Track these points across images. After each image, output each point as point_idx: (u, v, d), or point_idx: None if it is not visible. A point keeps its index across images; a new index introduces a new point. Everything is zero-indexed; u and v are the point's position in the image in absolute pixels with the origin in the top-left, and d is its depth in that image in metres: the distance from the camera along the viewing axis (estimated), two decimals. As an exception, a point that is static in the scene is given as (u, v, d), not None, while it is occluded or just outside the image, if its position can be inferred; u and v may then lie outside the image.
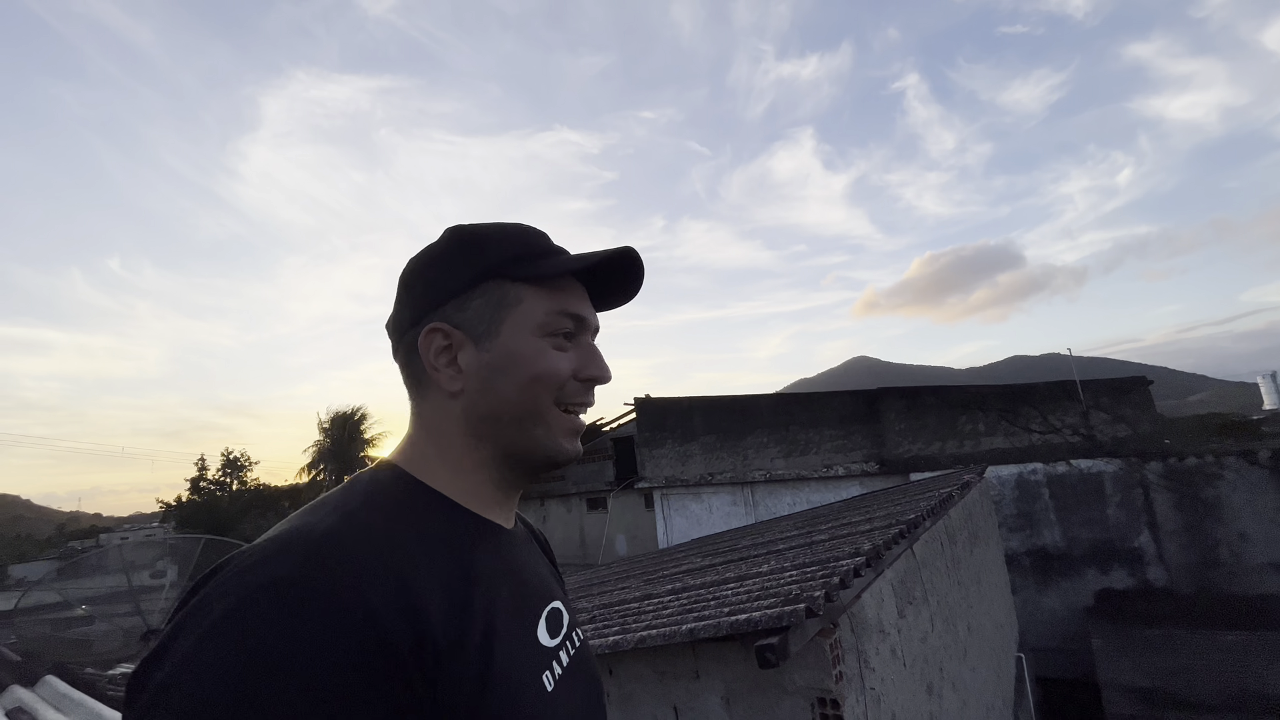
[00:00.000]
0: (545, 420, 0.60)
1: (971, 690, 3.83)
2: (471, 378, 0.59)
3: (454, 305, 0.60)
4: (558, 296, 0.62)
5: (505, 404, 0.59)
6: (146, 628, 4.57)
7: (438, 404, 0.60)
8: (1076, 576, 8.35)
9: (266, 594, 0.41)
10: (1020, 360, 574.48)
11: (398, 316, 0.63)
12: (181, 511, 25.24)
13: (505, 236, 0.62)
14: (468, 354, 0.59)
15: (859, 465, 10.29)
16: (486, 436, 0.60)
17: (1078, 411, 9.19)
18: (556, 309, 0.61)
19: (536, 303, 0.61)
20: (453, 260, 0.61)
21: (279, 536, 0.46)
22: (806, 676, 1.88)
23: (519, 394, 0.59)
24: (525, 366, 0.59)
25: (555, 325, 0.61)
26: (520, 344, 0.59)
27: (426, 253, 0.63)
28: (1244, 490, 7.67)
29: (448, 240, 0.63)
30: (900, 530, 2.92)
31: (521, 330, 0.60)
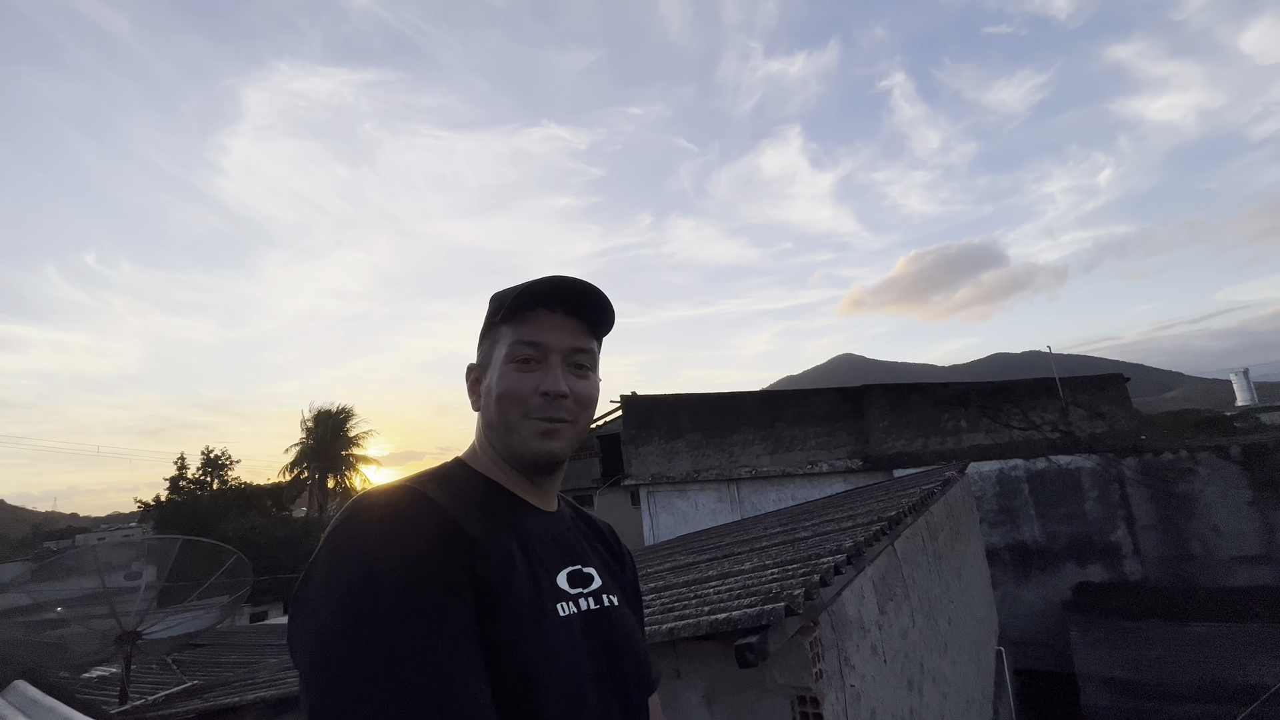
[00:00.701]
0: (516, 429, 0.78)
1: (952, 684, 3.88)
2: (482, 399, 0.82)
3: (482, 348, 0.84)
4: (521, 329, 0.80)
5: (491, 419, 0.80)
6: (121, 630, 4.48)
7: (477, 417, 0.85)
8: (1055, 570, 8.49)
9: (374, 502, 0.64)
10: (1002, 358, 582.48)
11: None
12: (160, 511, 24.76)
13: (511, 290, 0.81)
14: (482, 383, 0.83)
15: (843, 462, 10.37)
16: (493, 441, 0.81)
17: (1057, 408, 9.33)
18: (517, 339, 0.79)
19: (507, 337, 0.80)
20: (487, 314, 0.84)
21: (374, 488, 0.68)
22: (786, 675, 1.88)
23: (495, 409, 0.79)
24: (495, 388, 0.79)
25: (517, 353, 0.79)
26: (496, 371, 0.80)
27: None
28: (1217, 485, 7.84)
29: (490, 304, 0.85)
30: (882, 527, 2.94)
31: (498, 361, 0.80)
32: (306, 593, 0.59)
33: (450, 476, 0.76)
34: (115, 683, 4.49)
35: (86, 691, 4.58)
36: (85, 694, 4.11)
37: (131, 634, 4.45)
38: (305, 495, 28.31)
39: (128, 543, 7.17)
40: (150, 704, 4.02)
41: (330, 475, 28.43)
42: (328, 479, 28.26)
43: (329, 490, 28.26)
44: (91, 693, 4.55)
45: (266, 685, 3.73)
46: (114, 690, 4.31)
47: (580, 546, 0.85)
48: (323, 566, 0.59)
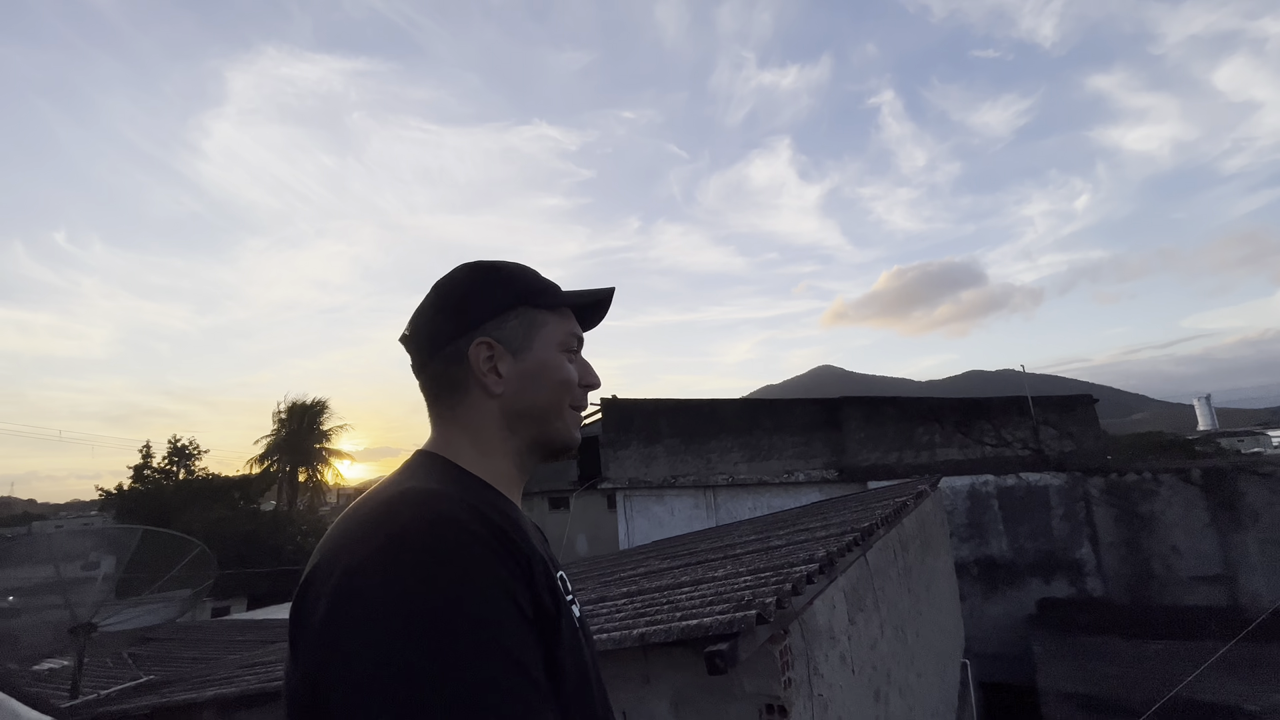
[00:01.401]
0: (564, 416, 0.78)
1: (918, 695, 3.92)
2: (510, 382, 0.75)
3: (493, 324, 0.75)
4: (568, 321, 0.81)
5: (536, 403, 0.76)
6: (75, 621, 4.33)
7: (476, 404, 0.74)
8: (1021, 585, 8.65)
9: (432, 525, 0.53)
10: (977, 375, 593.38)
11: (438, 332, 0.76)
12: (123, 500, 24.05)
13: (526, 273, 0.81)
14: (506, 363, 0.75)
15: (819, 472, 10.47)
16: (519, 429, 0.76)
17: (1028, 426, 9.53)
18: (569, 331, 0.81)
19: (557, 325, 0.79)
20: (490, 288, 0.77)
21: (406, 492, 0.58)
22: (755, 683, 1.89)
23: (548, 395, 0.77)
24: (553, 373, 0.77)
25: (569, 343, 0.80)
26: (548, 356, 0.77)
27: (462, 281, 0.78)
28: (1177, 506, 8.07)
29: (484, 272, 0.79)
30: (855, 538, 2.97)
31: (549, 346, 0.78)
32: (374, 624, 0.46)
33: (462, 481, 0.67)
34: (67, 676, 4.34)
35: (36, 685, 4.42)
36: (34, 687, 3.97)
37: (86, 626, 4.31)
38: (275, 488, 27.75)
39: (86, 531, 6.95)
40: (102, 699, 3.90)
41: (301, 469, 27.93)
42: (298, 472, 27.75)
43: (299, 484, 27.74)
44: (41, 686, 4.39)
45: (224, 682, 3.64)
46: (65, 684, 4.17)
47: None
48: (397, 594, 0.47)
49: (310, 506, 28.00)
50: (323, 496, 29.10)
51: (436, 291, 0.79)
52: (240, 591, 18.83)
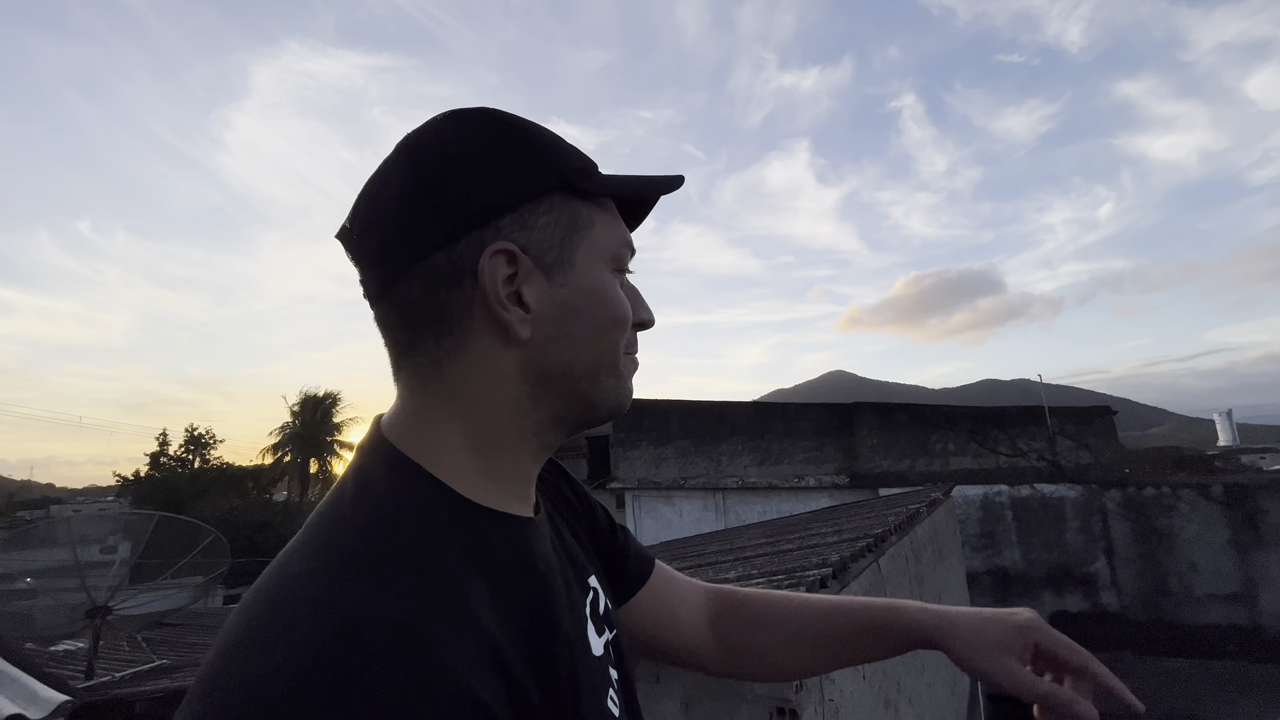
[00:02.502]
0: (618, 369, 0.49)
1: (927, 705, 3.88)
2: (542, 320, 0.44)
3: (512, 220, 0.43)
4: (620, 224, 0.50)
5: (581, 353, 0.46)
6: (91, 604, 4.41)
7: (483, 358, 0.44)
8: (1033, 598, 8.53)
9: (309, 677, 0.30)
10: (992, 384, 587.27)
11: (413, 226, 0.42)
12: (139, 487, 24.50)
13: (562, 142, 0.48)
14: (536, 288, 0.44)
15: (830, 478, 10.40)
16: (546, 396, 0.46)
17: (1045, 437, 9.41)
18: (623, 239, 0.49)
19: (607, 229, 0.48)
20: (512, 157, 0.44)
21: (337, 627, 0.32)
22: (766, 686, 1.88)
23: (598, 341, 0.47)
24: (607, 307, 0.47)
25: (622, 257, 0.49)
26: (598, 280, 0.47)
27: (459, 138, 0.44)
28: (1197, 523, 7.92)
29: (493, 128, 0.45)
30: (868, 544, 2.94)
31: (596, 262, 0.47)
32: None
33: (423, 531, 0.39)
34: (82, 657, 4.41)
35: (53, 665, 4.51)
36: (51, 667, 4.04)
37: (102, 609, 4.38)
38: (287, 479, 28.12)
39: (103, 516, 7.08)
40: (117, 680, 3.96)
41: (313, 460, 28.27)
42: (310, 464, 28.08)
43: (311, 475, 28.08)
44: (58, 666, 4.47)
45: (237, 668, 3.68)
46: (81, 665, 4.24)
47: (573, 547, 0.56)
48: None
49: (322, 498, 28.37)
50: (334, 488, 29.51)
51: (412, 155, 0.45)
52: (252, 580, 19.08)
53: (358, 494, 0.42)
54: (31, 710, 2.56)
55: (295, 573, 0.37)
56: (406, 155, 0.45)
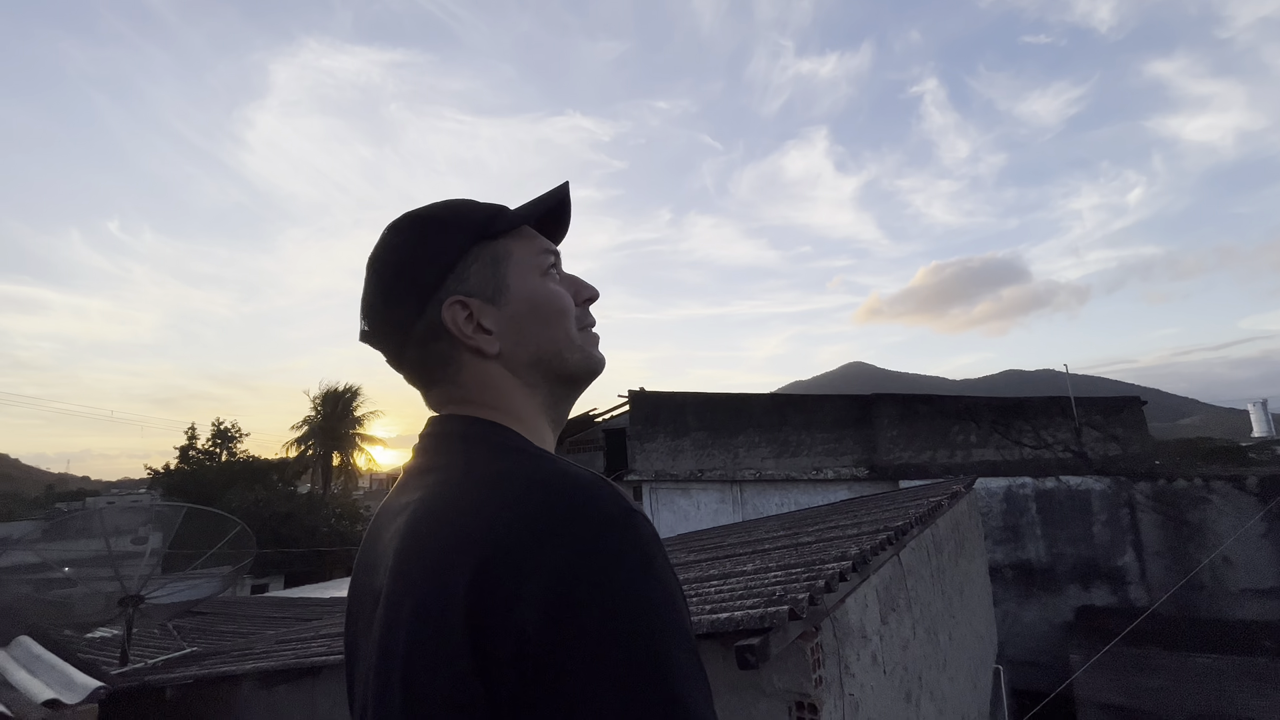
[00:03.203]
0: (577, 344, 0.66)
1: (949, 700, 3.83)
2: (504, 334, 0.63)
3: (453, 280, 0.62)
4: (534, 240, 0.68)
5: (542, 344, 0.64)
6: (124, 593, 4.53)
7: (475, 374, 0.63)
8: (1058, 592, 8.38)
9: (638, 518, 0.47)
10: (1014, 374, 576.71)
11: (394, 315, 0.63)
12: (169, 479, 25.15)
13: (463, 207, 0.67)
14: (490, 315, 0.62)
15: (849, 470, 10.30)
16: (535, 380, 0.65)
17: (1070, 428, 9.21)
18: (540, 249, 0.67)
19: (524, 250, 0.66)
20: (431, 242, 0.64)
21: (574, 476, 0.49)
22: (785, 679, 1.86)
23: (550, 330, 0.64)
24: (546, 304, 0.65)
25: (545, 262, 0.67)
26: (531, 288, 0.65)
27: (395, 245, 0.65)
28: (1230, 515, 7.70)
29: (415, 225, 0.65)
30: (888, 537, 2.90)
31: (525, 276, 0.65)
32: (630, 598, 0.43)
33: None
34: (116, 644, 4.55)
35: (88, 651, 4.65)
36: (87, 653, 4.17)
37: (134, 597, 4.50)
38: (310, 472, 28.64)
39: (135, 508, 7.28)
40: (149, 667, 4.07)
41: (335, 453, 28.74)
42: (333, 456, 28.56)
43: (333, 468, 28.56)
44: (93, 652, 4.61)
45: (263, 656, 3.76)
46: (115, 651, 4.37)
47: None
48: (642, 581, 0.44)
49: (344, 490, 28.83)
50: (355, 481, 29.93)
51: (375, 269, 0.65)
52: (278, 570, 19.50)
53: (478, 436, 0.59)
54: (67, 695, 2.63)
55: (539, 467, 0.53)
56: (371, 273, 0.65)
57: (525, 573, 0.42)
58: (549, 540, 0.44)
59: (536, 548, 0.43)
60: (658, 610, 0.43)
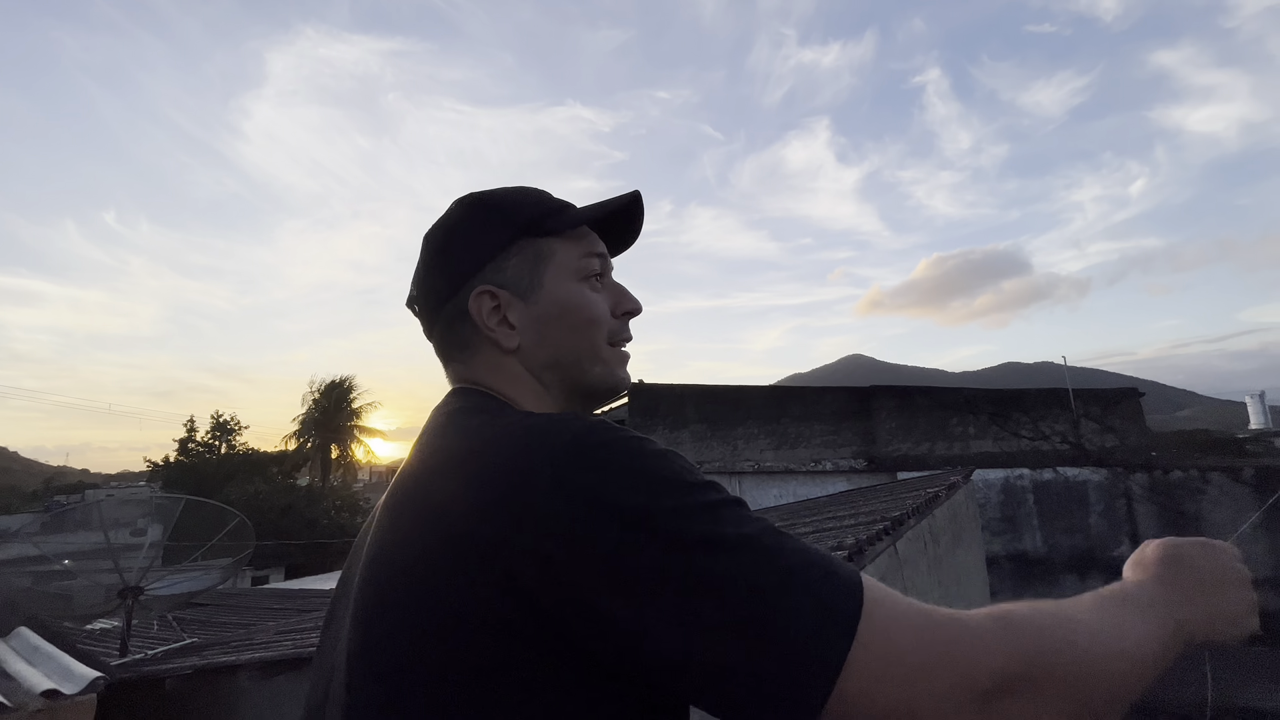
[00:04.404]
0: (602, 358, 0.66)
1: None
2: (526, 331, 0.64)
3: (492, 268, 0.64)
4: (585, 242, 0.67)
5: (563, 349, 0.65)
6: (124, 585, 4.55)
7: (490, 362, 0.64)
8: (1055, 582, 8.43)
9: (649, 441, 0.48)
10: (1013, 367, 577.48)
11: (432, 289, 0.66)
12: (168, 472, 25.21)
13: (525, 199, 0.67)
14: (516, 310, 0.63)
15: (847, 461, 10.33)
16: (551, 383, 0.65)
17: (1068, 420, 9.23)
18: (587, 252, 0.67)
19: (568, 252, 0.66)
20: (481, 227, 0.65)
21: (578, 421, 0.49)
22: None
23: (575, 338, 0.65)
24: (576, 312, 0.65)
25: (588, 268, 0.66)
26: (565, 292, 0.65)
27: (448, 224, 0.67)
28: (1226, 507, 7.74)
29: (471, 209, 0.67)
30: (885, 527, 2.91)
31: (562, 279, 0.65)
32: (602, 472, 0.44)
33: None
34: (116, 636, 4.56)
35: (88, 642, 4.66)
36: (86, 645, 4.18)
37: (134, 589, 4.51)
38: (309, 464, 28.68)
39: (134, 500, 7.30)
40: (149, 658, 4.09)
41: (334, 445, 28.79)
42: (331, 448, 28.61)
43: (332, 460, 28.61)
44: (93, 644, 4.63)
45: (263, 646, 3.78)
46: (114, 643, 4.38)
47: None
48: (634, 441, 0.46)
49: (344, 482, 28.90)
50: (355, 473, 30.00)
51: (426, 242, 0.68)
52: (278, 562, 19.59)
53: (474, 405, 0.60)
54: (66, 686, 2.64)
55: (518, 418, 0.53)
56: (425, 243, 0.68)
57: (530, 477, 0.44)
58: (548, 444, 0.46)
59: (538, 454, 0.45)
60: (666, 456, 0.46)
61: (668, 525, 0.41)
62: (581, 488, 0.43)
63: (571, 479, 0.43)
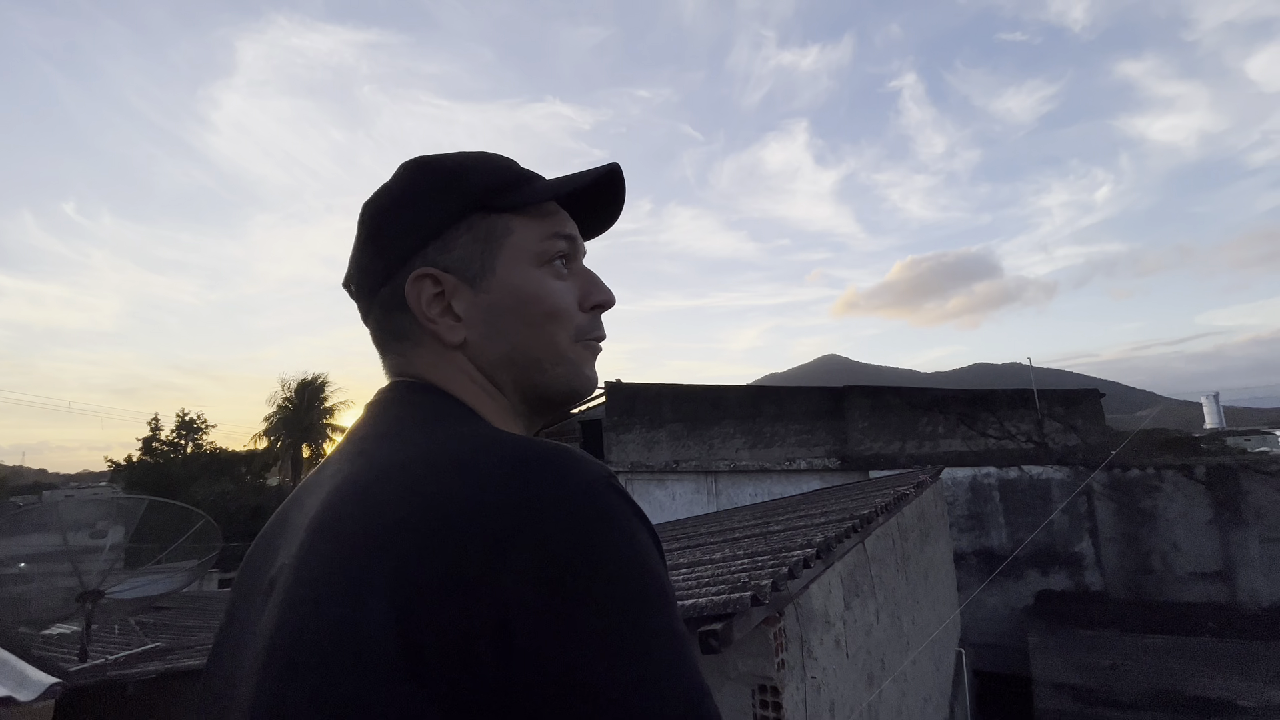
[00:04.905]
0: (566, 357, 0.56)
1: (911, 681, 3.96)
2: (474, 324, 0.53)
3: (436, 247, 0.53)
4: (550, 221, 0.56)
5: (518, 347, 0.54)
6: (83, 588, 4.41)
7: (435, 357, 0.53)
8: (1019, 577, 8.68)
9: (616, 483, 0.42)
10: (983, 368, 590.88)
11: (366, 269, 0.55)
12: (131, 472, 24.42)
13: (481, 165, 0.56)
14: (463, 299, 0.53)
15: (821, 460, 10.48)
16: (506, 384, 0.55)
17: (1033, 420, 9.50)
18: (551, 232, 0.56)
19: (528, 232, 0.55)
20: (426, 197, 0.54)
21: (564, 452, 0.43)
22: (749, 663, 1.91)
23: (532, 333, 0.54)
24: (534, 303, 0.54)
25: (551, 250, 0.56)
26: (522, 278, 0.54)
27: (389, 192, 0.55)
28: (1180, 503, 8.05)
29: (414, 174, 0.55)
30: (853, 525, 2.98)
31: (519, 264, 0.54)
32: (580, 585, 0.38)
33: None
34: (75, 641, 4.43)
35: (45, 648, 4.52)
36: (43, 650, 4.06)
37: (94, 593, 4.39)
38: (280, 463, 28.08)
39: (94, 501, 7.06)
40: (109, 663, 3.98)
41: (306, 444, 28.22)
42: (302, 448, 28.04)
43: (304, 459, 28.04)
44: (50, 649, 4.49)
45: (230, 650, 3.71)
46: (74, 648, 4.26)
47: None
48: (627, 545, 0.40)
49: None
50: (327, 473, 29.47)
51: (363, 214, 0.56)
52: (246, 564, 19.15)
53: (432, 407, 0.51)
54: (21, 693, 2.57)
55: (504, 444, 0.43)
56: (362, 213, 0.57)
57: (511, 545, 0.37)
58: (534, 511, 0.38)
59: (521, 519, 0.38)
60: (649, 573, 0.40)
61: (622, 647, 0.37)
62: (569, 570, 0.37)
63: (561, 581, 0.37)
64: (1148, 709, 5.12)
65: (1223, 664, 5.76)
